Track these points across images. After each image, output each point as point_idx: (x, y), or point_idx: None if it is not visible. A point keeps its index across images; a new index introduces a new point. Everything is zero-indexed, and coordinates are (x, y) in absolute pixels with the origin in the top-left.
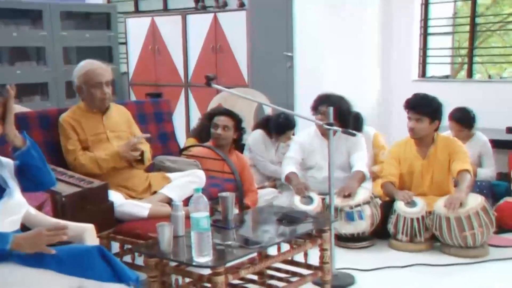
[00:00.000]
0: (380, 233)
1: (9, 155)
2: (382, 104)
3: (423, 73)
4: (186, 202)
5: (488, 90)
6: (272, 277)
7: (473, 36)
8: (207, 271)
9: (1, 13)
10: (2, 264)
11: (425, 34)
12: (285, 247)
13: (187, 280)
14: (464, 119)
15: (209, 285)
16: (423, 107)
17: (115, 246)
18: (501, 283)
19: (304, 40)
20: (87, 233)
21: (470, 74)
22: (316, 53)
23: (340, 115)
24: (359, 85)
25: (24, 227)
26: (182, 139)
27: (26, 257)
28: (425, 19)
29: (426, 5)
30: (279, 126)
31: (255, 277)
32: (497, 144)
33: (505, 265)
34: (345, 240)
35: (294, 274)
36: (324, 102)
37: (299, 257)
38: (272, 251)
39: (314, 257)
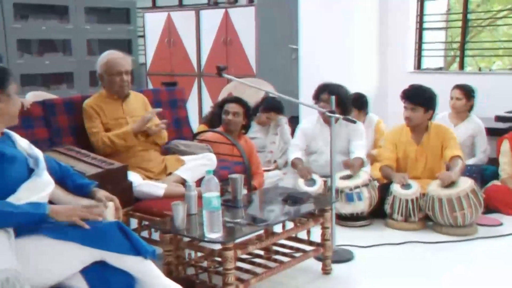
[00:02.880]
0: (377, 213)
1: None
2: (379, 94)
3: (418, 65)
4: (199, 183)
5: (479, 81)
6: (277, 252)
7: (465, 31)
8: (217, 246)
9: (31, 8)
10: (32, 236)
11: (420, 29)
12: (290, 225)
13: (199, 254)
14: (467, 87)
15: (219, 259)
16: (418, 98)
17: (134, 222)
18: (488, 258)
19: (307, 34)
20: (108, 210)
21: (461, 66)
22: (318, 46)
23: (340, 102)
24: (358, 76)
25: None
26: (195, 125)
27: (54, 230)
28: (420, 14)
29: (421, 1)
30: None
31: (261, 252)
32: (486, 132)
33: (492, 242)
34: (344, 219)
35: (298, 250)
36: (324, 91)
37: (302, 235)
38: (278, 228)
39: (316, 235)
